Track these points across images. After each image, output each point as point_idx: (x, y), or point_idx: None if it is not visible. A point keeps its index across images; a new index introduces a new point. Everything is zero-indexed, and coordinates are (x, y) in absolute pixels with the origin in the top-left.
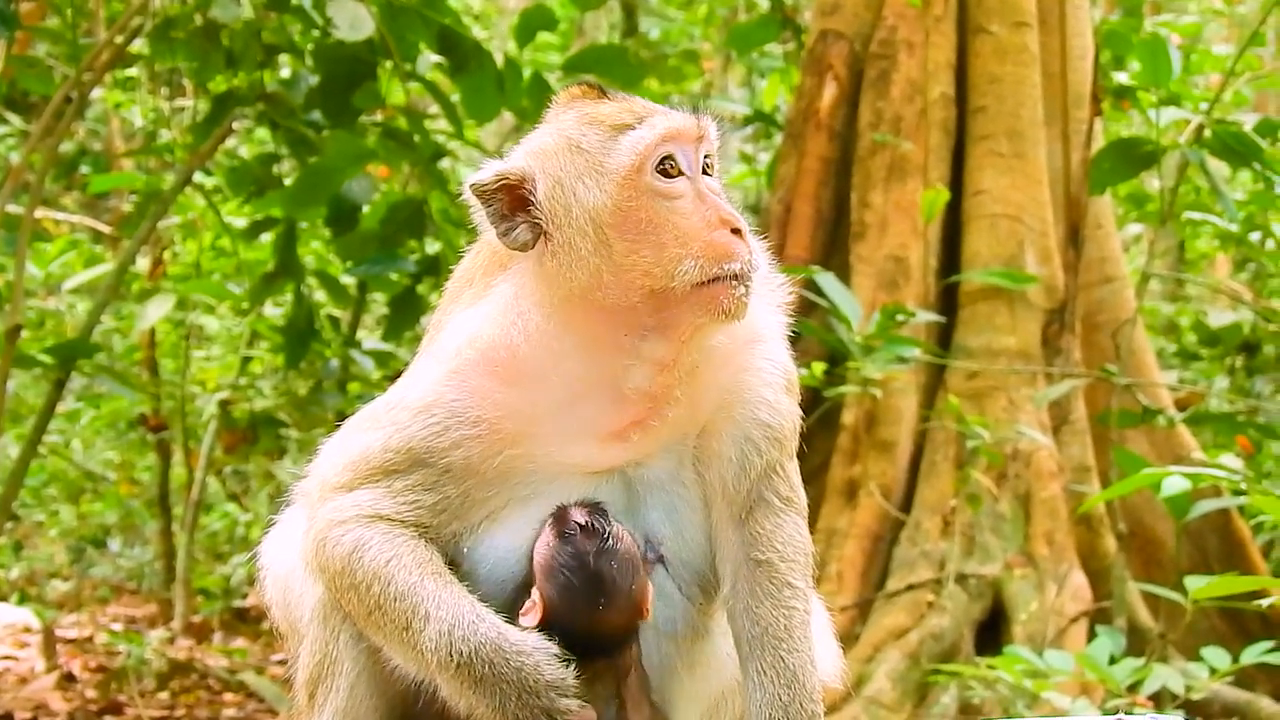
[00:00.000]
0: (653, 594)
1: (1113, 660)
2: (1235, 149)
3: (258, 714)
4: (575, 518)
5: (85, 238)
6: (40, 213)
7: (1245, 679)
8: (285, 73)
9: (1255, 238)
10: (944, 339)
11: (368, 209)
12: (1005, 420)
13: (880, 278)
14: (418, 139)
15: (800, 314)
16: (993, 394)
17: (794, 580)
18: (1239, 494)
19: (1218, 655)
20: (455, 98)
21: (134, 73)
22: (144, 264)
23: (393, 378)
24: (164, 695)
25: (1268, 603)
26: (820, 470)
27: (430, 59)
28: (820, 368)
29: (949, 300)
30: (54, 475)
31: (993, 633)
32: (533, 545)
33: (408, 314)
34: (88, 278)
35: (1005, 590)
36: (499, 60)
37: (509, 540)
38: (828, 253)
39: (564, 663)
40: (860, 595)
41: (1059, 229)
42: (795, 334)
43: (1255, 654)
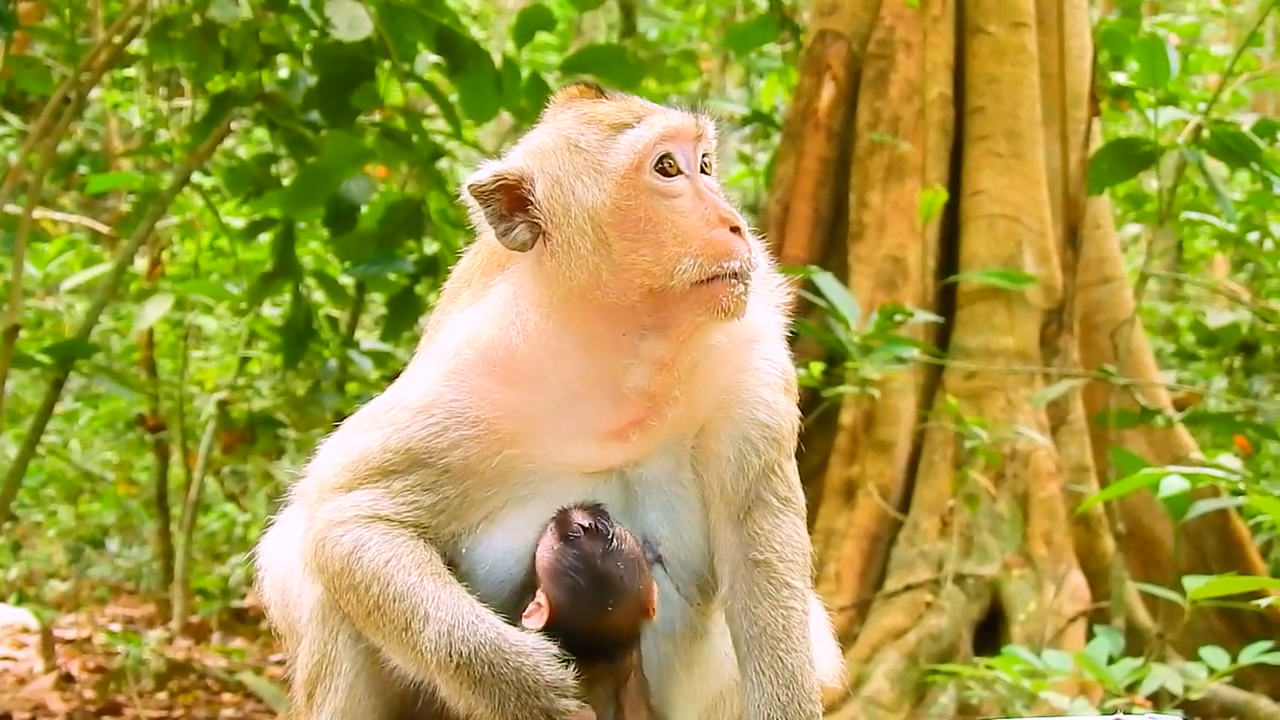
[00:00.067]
0: (658, 594)
1: (1111, 660)
2: (1233, 149)
3: (256, 714)
4: (579, 520)
5: (83, 238)
6: (38, 213)
7: (1243, 679)
8: (283, 73)
9: (1253, 238)
10: (942, 339)
11: (366, 209)
12: (1003, 420)
13: (878, 278)
14: (416, 139)
15: (798, 314)
16: (991, 394)
17: (792, 580)
18: (1237, 494)
19: (1216, 655)
20: (453, 98)
21: (132, 73)
22: (142, 264)
23: (391, 378)
24: (162, 695)
25: (1266, 603)
26: (818, 470)
27: (428, 59)
28: (818, 368)
29: (947, 300)
30: (52, 475)
31: (991, 633)
32: (532, 546)
33: (406, 314)
34: (86, 278)
35: (1003, 590)
36: (497, 60)
37: (507, 541)
38: (826, 253)
39: (563, 664)
40: (858, 595)
41: (1057, 229)
42: (793, 334)
43: (1253, 654)
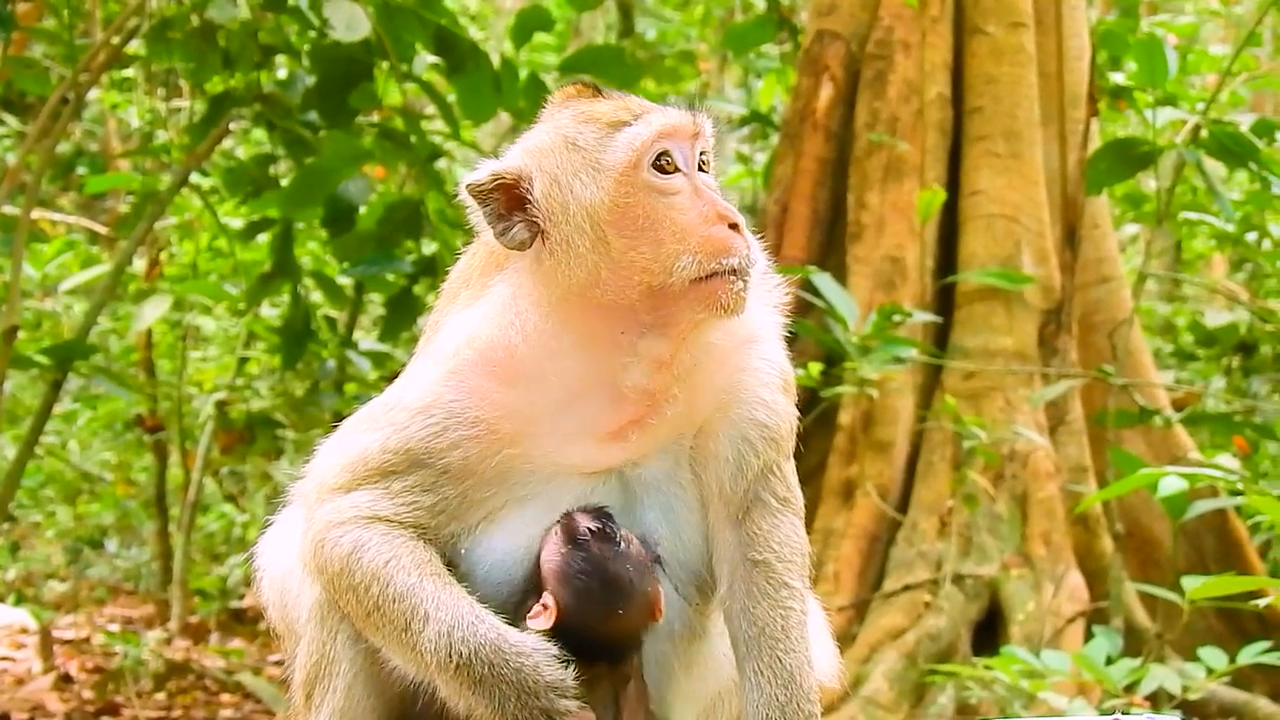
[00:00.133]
0: (665, 596)
1: (1109, 660)
2: (1232, 149)
3: (254, 715)
4: (586, 524)
5: (82, 238)
6: (37, 213)
7: (1242, 679)
8: (282, 73)
9: (1252, 238)
10: (941, 339)
11: (364, 210)
12: (1002, 420)
13: (877, 278)
14: (414, 140)
15: (797, 314)
16: (989, 394)
17: (791, 580)
18: (1236, 494)
19: (1215, 655)
20: (452, 98)
21: (131, 73)
22: (141, 265)
23: (389, 379)
24: (161, 696)
25: (1264, 603)
26: (817, 470)
27: (427, 59)
28: (817, 368)
29: (946, 300)
30: (51, 476)
31: (990, 633)
32: (531, 547)
33: (404, 315)
34: (84, 279)
35: (1002, 590)
36: (495, 61)
37: (506, 541)
38: (824, 253)
39: (563, 664)
40: (857, 595)
41: (1056, 229)
42: (792, 334)
43: (1252, 654)
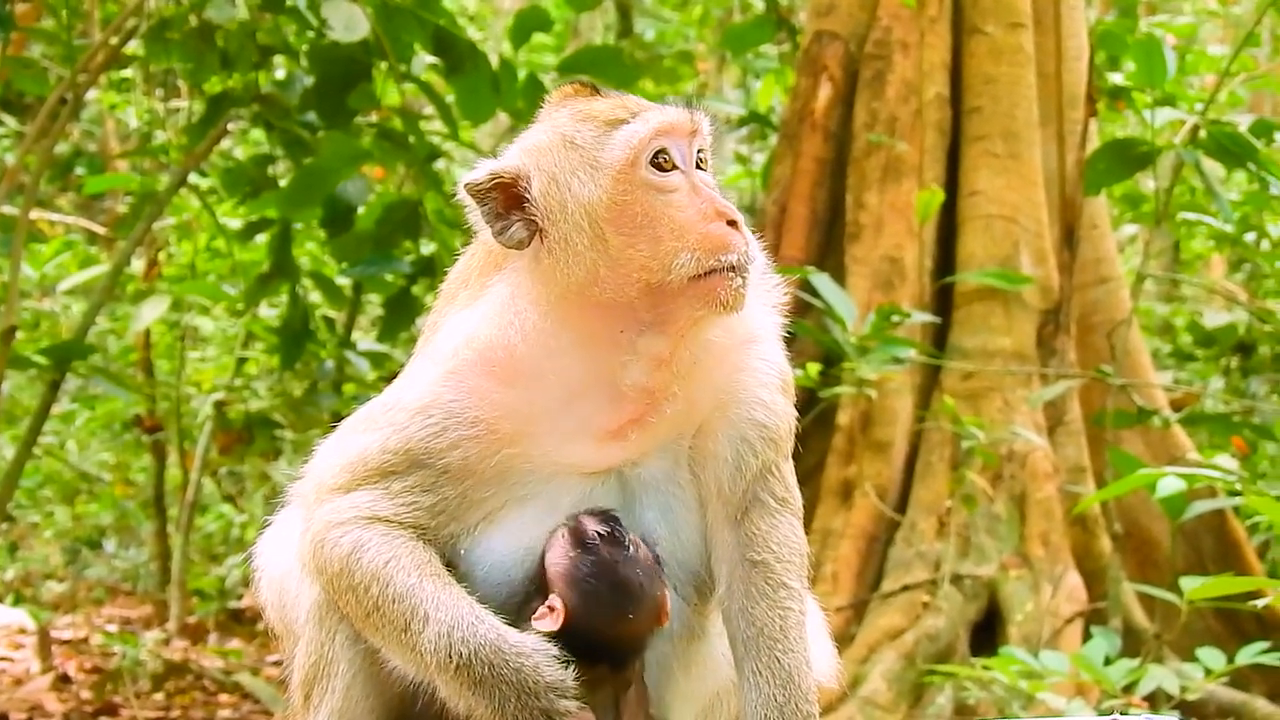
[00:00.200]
0: (671, 599)
1: (1108, 661)
2: (1230, 149)
3: (253, 715)
4: (595, 527)
5: (80, 239)
6: (35, 214)
7: (1241, 679)
8: (280, 74)
9: (1250, 238)
10: (939, 339)
11: (363, 210)
12: (1000, 421)
13: (875, 278)
14: (413, 140)
15: (795, 314)
16: (988, 395)
17: (789, 581)
18: (1234, 494)
19: (1213, 656)
20: (450, 99)
21: (129, 74)
22: (139, 265)
23: (388, 379)
24: (159, 696)
25: (1263, 603)
26: (815, 471)
27: (425, 60)
28: (815, 368)
29: (944, 301)
30: (49, 476)
31: (988, 633)
32: (531, 547)
33: (403, 315)
34: (83, 279)
35: (1000, 591)
36: (494, 61)
37: (506, 542)
38: (823, 253)
39: (564, 665)
40: (855, 596)
41: (1054, 230)
42: (790, 334)
43: (1250, 654)
